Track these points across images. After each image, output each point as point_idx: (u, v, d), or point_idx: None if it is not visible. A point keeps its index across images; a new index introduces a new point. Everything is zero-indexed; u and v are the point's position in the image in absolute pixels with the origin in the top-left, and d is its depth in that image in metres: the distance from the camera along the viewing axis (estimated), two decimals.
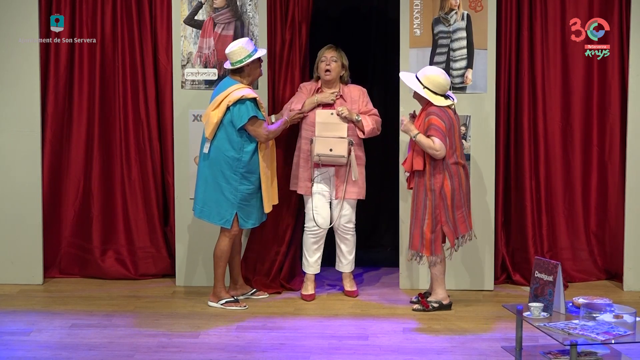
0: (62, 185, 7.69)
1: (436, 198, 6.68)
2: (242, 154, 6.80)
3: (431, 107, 6.68)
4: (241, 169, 6.80)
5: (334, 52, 7.04)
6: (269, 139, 6.84)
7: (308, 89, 7.13)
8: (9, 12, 7.34)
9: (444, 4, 7.22)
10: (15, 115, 7.43)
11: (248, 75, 6.86)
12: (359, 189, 7.11)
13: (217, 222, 6.91)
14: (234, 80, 6.84)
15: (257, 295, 7.19)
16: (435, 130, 6.61)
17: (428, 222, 6.71)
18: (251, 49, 6.82)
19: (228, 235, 6.92)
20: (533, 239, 7.55)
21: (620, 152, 7.49)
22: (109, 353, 5.97)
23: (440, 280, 6.87)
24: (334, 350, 6.04)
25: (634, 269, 7.39)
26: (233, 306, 6.91)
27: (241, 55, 6.79)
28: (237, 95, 6.73)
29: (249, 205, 6.88)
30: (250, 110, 6.72)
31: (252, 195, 6.88)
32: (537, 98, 7.46)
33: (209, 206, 6.88)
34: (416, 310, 6.85)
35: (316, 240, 7.20)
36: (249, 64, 6.81)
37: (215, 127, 6.78)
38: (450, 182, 6.70)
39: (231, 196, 6.82)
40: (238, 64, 6.79)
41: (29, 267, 7.51)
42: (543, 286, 5.57)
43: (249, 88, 6.82)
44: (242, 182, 6.82)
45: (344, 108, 6.96)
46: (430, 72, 6.73)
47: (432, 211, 6.69)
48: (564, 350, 5.45)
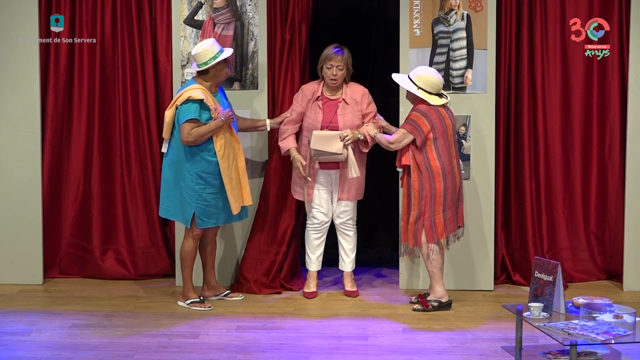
0: (62, 185, 7.69)
1: (425, 192, 6.69)
2: (197, 154, 6.77)
3: (418, 105, 6.71)
4: (195, 169, 6.79)
5: (341, 61, 7.01)
6: (188, 143, 6.71)
7: (310, 91, 7.11)
8: (9, 12, 7.34)
9: (443, 4, 7.22)
10: (15, 115, 7.43)
11: (213, 76, 6.82)
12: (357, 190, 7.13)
13: (181, 221, 6.95)
14: (195, 82, 6.83)
15: (231, 297, 7.17)
16: (409, 124, 6.71)
17: (414, 213, 6.73)
18: (217, 50, 6.80)
19: (191, 236, 6.92)
20: (533, 239, 7.55)
21: (620, 152, 7.49)
22: (109, 353, 5.97)
23: (437, 277, 6.86)
24: (334, 350, 6.04)
25: (634, 269, 7.39)
26: (198, 306, 6.92)
27: (206, 57, 6.75)
28: (185, 96, 6.73)
29: (209, 205, 6.84)
30: (191, 112, 6.69)
31: (212, 195, 6.83)
32: (537, 98, 7.46)
33: (172, 205, 6.90)
34: (416, 310, 6.85)
35: (318, 236, 7.22)
36: (214, 66, 6.79)
37: (169, 126, 6.80)
38: (444, 181, 6.71)
39: (188, 196, 6.82)
40: (203, 65, 6.76)
41: (29, 267, 7.52)
42: (543, 286, 5.57)
43: (200, 90, 6.74)
44: (197, 181, 6.80)
45: (348, 133, 6.94)
46: (422, 72, 6.74)
47: (418, 203, 6.71)
48: (563, 350, 5.45)
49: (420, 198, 6.72)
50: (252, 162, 7.42)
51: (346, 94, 7.08)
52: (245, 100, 7.35)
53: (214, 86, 6.87)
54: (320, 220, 7.19)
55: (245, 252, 7.43)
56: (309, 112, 7.07)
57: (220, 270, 7.50)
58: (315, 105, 7.06)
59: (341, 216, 7.19)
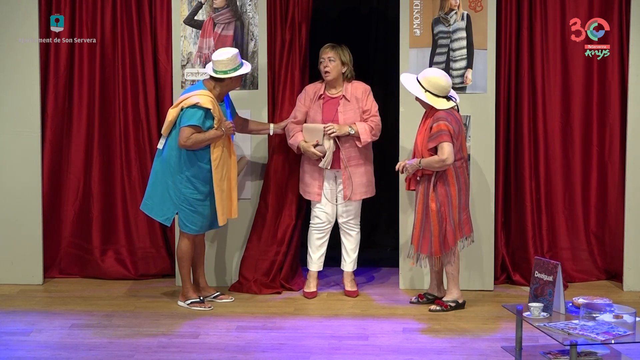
0: (62, 185, 7.69)
1: (441, 197, 6.67)
2: (192, 158, 6.77)
3: (438, 112, 6.67)
4: (187, 172, 6.77)
5: (330, 52, 7.02)
6: (184, 147, 6.69)
7: (313, 90, 7.11)
8: (9, 12, 7.34)
9: (444, 4, 7.22)
10: (15, 115, 7.43)
11: (226, 86, 6.81)
12: (367, 187, 7.14)
13: (158, 218, 6.92)
14: (204, 87, 6.80)
15: (221, 298, 7.16)
16: (445, 135, 6.59)
17: (434, 223, 6.70)
18: (238, 63, 6.78)
19: (186, 236, 6.92)
20: (533, 239, 7.55)
21: (620, 152, 7.49)
22: (109, 353, 5.97)
23: (456, 279, 6.87)
24: (334, 350, 6.04)
25: (634, 269, 7.39)
26: (198, 306, 6.91)
27: (228, 67, 6.74)
28: (194, 101, 6.70)
29: (194, 211, 6.81)
30: (195, 118, 6.66)
31: (199, 202, 6.81)
32: (537, 98, 7.46)
33: (152, 200, 6.89)
34: (433, 310, 6.82)
35: (321, 236, 7.22)
36: (232, 78, 6.79)
37: (170, 124, 6.78)
38: (457, 183, 6.70)
39: (174, 196, 6.81)
40: (222, 74, 6.74)
41: (29, 267, 7.52)
42: (543, 286, 5.57)
43: (210, 99, 6.71)
44: (186, 185, 6.78)
45: (332, 126, 6.95)
46: (431, 75, 6.70)
47: (437, 210, 6.68)
48: (564, 350, 5.45)
49: (448, 198, 6.69)
50: (252, 162, 7.43)
51: (347, 91, 7.09)
52: (246, 100, 7.35)
53: (222, 94, 6.86)
54: (323, 221, 7.19)
55: (245, 252, 7.43)
56: (310, 111, 7.08)
57: (220, 270, 7.50)
58: (317, 104, 7.07)
59: (344, 215, 7.20)
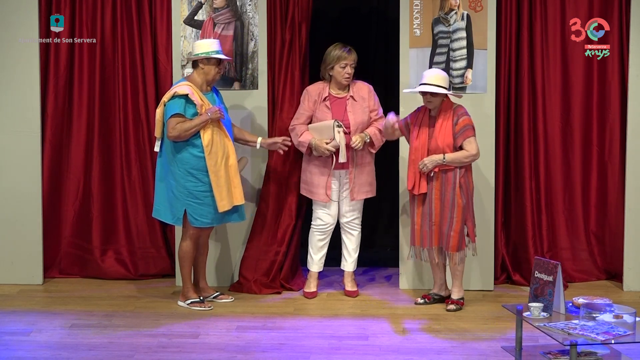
0: (62, 185, 7.69)
1: (465, 193, 6.70)
2: (186, 151, 6.77)
3: (458, 107, 6.71)
4: (186, 166, 6.77)
5: (353, 59, 7.00)
6: (173, 138, 6.71)
7: (316, 92, 7.08)
8: (9, 12, 7.34)
9: (443, 4, 7.22)
10: (15, 115, 7.43)
11: (203, 73, 6.80)
12: (370, 187, 7.15)
13: (169, 221, 6.94)
14: (185, 80, 6.83)
15: (221, 298, 7.16)
16: (471, 129, 6.69)
17: (457, 220, 6.71)
18: (213, 49, 6.79)
19: (188, 236, 6.92)
20: (533, 239, 7.55)
21: (620, 152, 7.49)
22: (109, 353, 5.97)
23: (461, 276, 6.93)
24: (334, 350, 6.04)
25: (634, 269, 7.39)
26: (198, 306, 6.91)
27: (200, 50, 6.78)
28: (171, 92, 6.74)
29: (201, 204, 6.81)
30: (177, 106, 6.69)
31: (204, 193, 6.81)
32: (537, 98, 7.46)
33: (161, 205, 6.90)
34: (451, 310, 6.82)
35: (322, 237, 7.22)
36: (203, 61, 6.77)
37: (159, 124, 6.80)
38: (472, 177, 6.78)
39: (179, 193, 6.81)
40: (194, 56, 6.79)
41: (29, 267, 7.52)
42: (543, 286, 5.57)
43: (187, 85, 6.74)
44: (188, 179, 6.78)
45: (357, 140, 6.95)
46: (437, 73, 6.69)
47: (462, 207, 6.69)
48: (564, 350, 5.45)
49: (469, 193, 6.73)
50: (252, 162, 7.42)
51: (353, 91, 7.08)
52: (245, 100, 7.35)
53: (205, 85, 6.85)
54: (326, 222, 7.19)
55: (245, 252, 7.43)
56: (316, 112, 7.06)
57: (220, 270, 7.50)
58: (323, 105, 7.05)
59: (348, 215, 7.20)
